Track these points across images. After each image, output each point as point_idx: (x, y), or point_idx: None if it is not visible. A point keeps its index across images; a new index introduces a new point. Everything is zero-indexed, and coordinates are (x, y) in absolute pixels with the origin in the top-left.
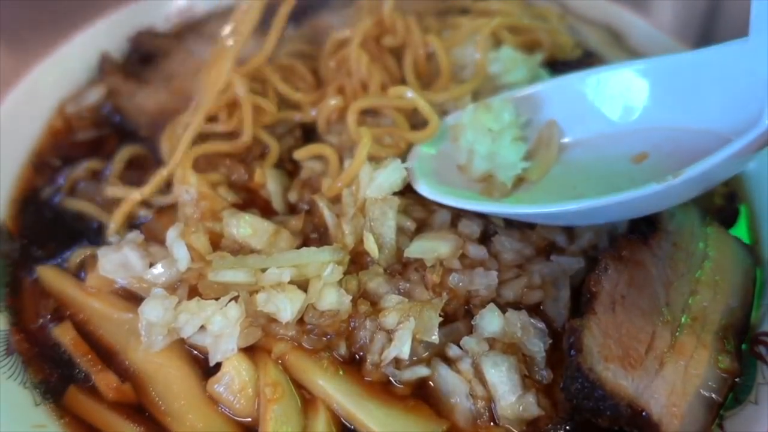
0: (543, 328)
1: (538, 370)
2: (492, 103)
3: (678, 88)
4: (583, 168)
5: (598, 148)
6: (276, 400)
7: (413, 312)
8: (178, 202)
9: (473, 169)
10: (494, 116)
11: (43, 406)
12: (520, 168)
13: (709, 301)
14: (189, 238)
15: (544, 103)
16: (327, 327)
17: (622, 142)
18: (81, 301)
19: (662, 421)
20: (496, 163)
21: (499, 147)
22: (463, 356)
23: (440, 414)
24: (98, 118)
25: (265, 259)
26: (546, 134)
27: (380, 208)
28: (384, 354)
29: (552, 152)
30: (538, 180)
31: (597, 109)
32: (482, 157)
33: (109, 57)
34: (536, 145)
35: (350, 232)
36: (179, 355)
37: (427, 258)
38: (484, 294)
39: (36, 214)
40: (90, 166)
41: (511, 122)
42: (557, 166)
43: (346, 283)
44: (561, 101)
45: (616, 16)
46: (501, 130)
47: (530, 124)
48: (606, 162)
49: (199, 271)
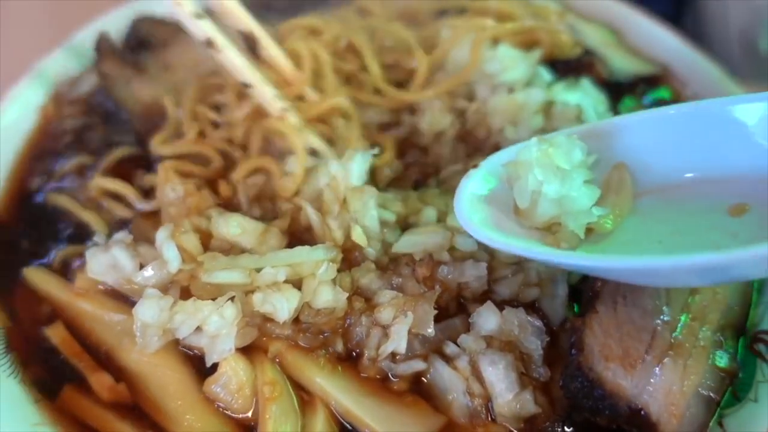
0: (540, 326)
1: (535, 368)
2: (557, 139)
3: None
4: (665, 219)
5: (681, 198)
6: (274, 399)
7: (408, 306)
8: (163, 203)
9: (538, 214)
10: (564, 153)
11: (42, 405)
12: (595, 216)
13: (708, 300)
14: (179, 238)
15: (612, 142)
16: (323, 325)
17: (712, 191)
18: (69, 302)
19: (660, 420)
20: (566, 209)
21: (569, 189)
22: (460, 354)
23: (438, 410)
24: (89, 107)
25: (259, 258)
26: (615, 179)
27: (360, 199)
28: (381, 349)
29: (625, 199)
30: (611, 230)
31: (676, 152)
32: (551, 200)
33: (106, 37)
34: (604, 190)
35: (338, 227)
36: (175, 356)
37: (416, 252)
38: (476, 286)
39: (28, 209)
40: (79, 161)
41: (581, 161)
42: (631, 216)
43: (340, 280)
44: (632, 141)
45: (616, 13)
46: (571, 170)
47: (596, 166)
48: (695, 214)
49: (190, 273)
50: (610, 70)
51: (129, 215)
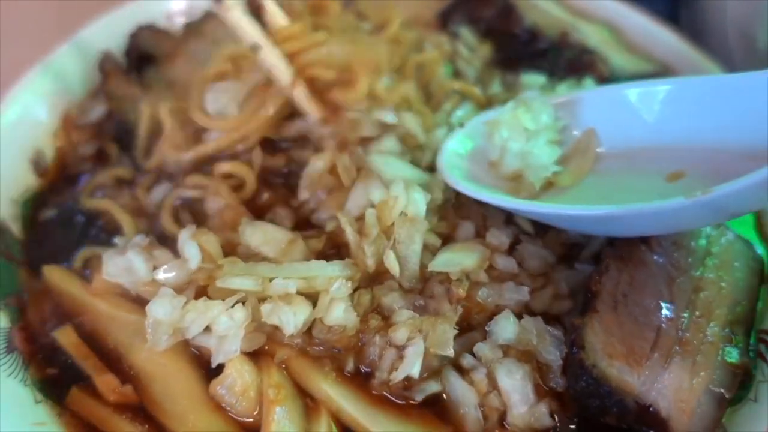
0: (559, 335)
1: (553, 378)
2: (532, 102)
3: (725, 108)
4: (615, 181)
5: (633, 162)
6: (278, 402)
7: (426, 326)
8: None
9: (504, 166)
10: (532, 116)
11: (44, 404)
12: (551, 171)
13: (714, 296)
14: (200, 239)
15: (583, 111)
16: (335, 342)
17: (659, 158)
18: (86, 302)
19: (671, 416)
20: (528, 163)
21: (532, 147)
22: (477, 366)
23: (448, 422)
24: (100, 131)
25: (275, 268)
26: (583, 142)
27: (407, 231)
28: (393, 375)
29: (587, 160)
30: (569, 186)
31: (636, 122)
32: (514, 154)
33: (110, 56)
34: (572, 151)
35: (371, 254)
36: (182, 357)
37: (452, 271)
38: (514, 309)
39: (42, 215)
40: (113, 173)
41: (548, 124)
42: (590, 176)
43: (359, 297)
44: (600, 110)
45: (615, 12)
46: (537, 131)
47: (567, 129)
48: (640, 177)
49: (209, 273)
50: (611, 69)
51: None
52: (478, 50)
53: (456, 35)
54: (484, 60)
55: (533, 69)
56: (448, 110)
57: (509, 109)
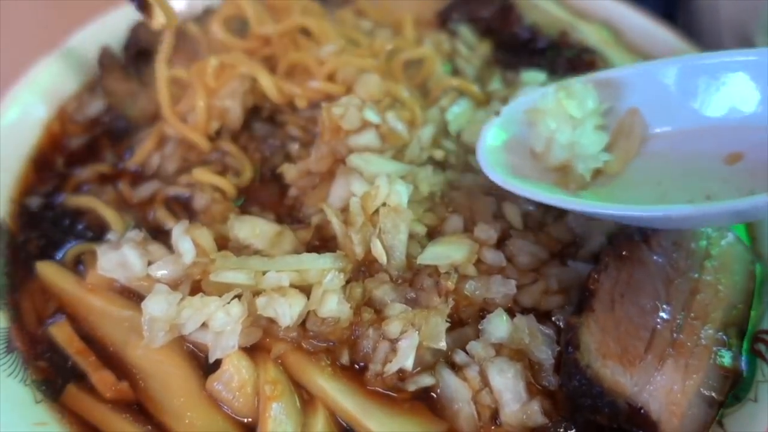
0: (551, 334)
1: (545, 376)
2: (574, 88)
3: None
4: (667, 163)
5: (685, 143)
6: (275, 398)
7: (419, 320)
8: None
9: (551, 158)
10: (577, 102)
11: (44, 404)
12: (601, 161)
13: (710, 299)
14: (194, 233)
15: (627, 90)
16: (329, 334)
17: (714, 139)
18: (80, 297)
19: (661, 419)
20: (576, 154)
21: (580, 136)
22: (470, 363)
23: (441, 417)
24: (96, 124)
25: (267, 261)
26: (627, 124)
27: (392, 221)
28: (387, 367)
29: (633, 143)
30: (617, 173)
31: (686, 100)
32: (562, 146)
33: (109, 51)
34: (616, 134)
35: (359, 242)
36: (179, 353)
37: (441, 265)
38: (501, 302)
39: (36, 212)
40: (98, 169)
41: (593, 109)
42: (638, 158)
43: (351, 290)
44: (645, 89)
45: (613, 12)
46: (583, 118)
47: (611, 111)
48: (694, 159)
49: (203, 267)
50: (611, 68)
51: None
52: (477, 49)
53: (455, 34)
54: (483, 58)
55: (533, 67)
56: (443, 106)
57: (551, 95)
